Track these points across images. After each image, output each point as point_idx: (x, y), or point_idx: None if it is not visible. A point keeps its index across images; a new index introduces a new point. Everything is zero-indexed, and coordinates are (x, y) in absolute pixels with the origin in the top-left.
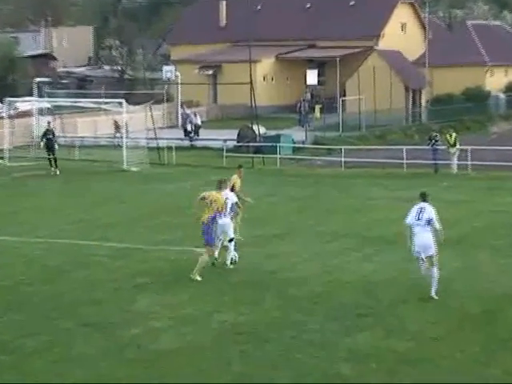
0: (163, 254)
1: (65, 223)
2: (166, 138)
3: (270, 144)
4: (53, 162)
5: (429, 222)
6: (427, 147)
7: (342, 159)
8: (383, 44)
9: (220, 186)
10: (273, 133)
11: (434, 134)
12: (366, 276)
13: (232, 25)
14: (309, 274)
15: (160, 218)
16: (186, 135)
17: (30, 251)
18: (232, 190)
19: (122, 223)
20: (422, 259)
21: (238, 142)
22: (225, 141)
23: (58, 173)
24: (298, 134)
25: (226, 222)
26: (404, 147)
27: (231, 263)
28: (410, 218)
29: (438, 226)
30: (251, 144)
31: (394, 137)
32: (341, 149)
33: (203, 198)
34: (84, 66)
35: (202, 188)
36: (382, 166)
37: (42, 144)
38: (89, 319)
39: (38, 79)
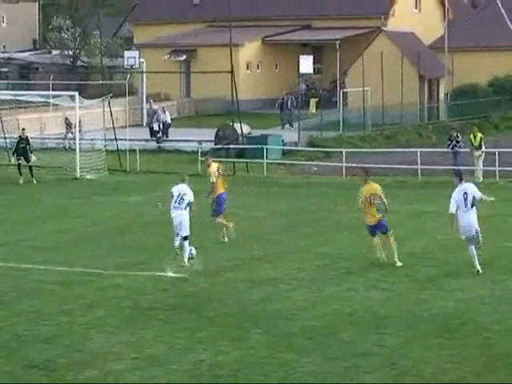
0: (124, 280)
1: (2, 243)
2: (129, 139)
3: (255, 146)
4: (26, 170)
5: (473, 204)
6: (446, 150)
7: (343, 165)
8: (393, 24)
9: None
10: (258, 133)
11: (455, 133)
12: (372, 307)
13: (208, 1)
14: (301, 305)
15: (121, 236)
16: (152, 135)
17: None
18: None
19: (73, 243)
20: (469, 239)
21: (215, 143)
22: (200, 142)
23: (34, 182)
24: (289, 134)
25: (184, 216)
26: (418, 150)
27: (190, 259)
28: (453, 207)
29: (482, 196)
30: (232, 146)
31: (407, 137)
32: (341, 152)
33: None
34: (28, 50)
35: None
36: (391, 173)
37: (12, 161)
38: (34, 360)
39: None
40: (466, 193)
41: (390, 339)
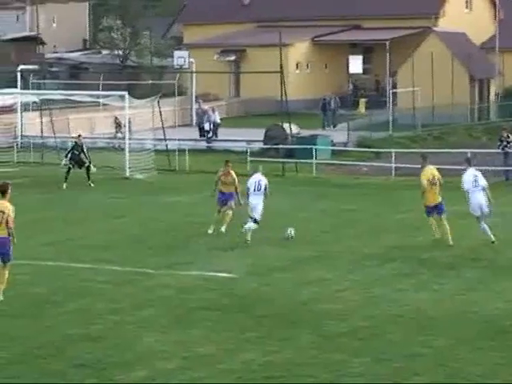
0: (173, 280)
1: (52, 242)
2: (178, 139)
3: (304, 147)
4: (85, 174)
5: (483, 187)
6: (497, 150)
7: (393, 165)
8: (444, 24)
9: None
10: (308, 133)
11: (506, 134)
12: (422, 308)
13: (258, 1)
14: (351, 306)
15: (169, 236)
16: (202, 135)
17: (11, 276)
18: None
19: (122, 242)
20: (479, 217)
21: (265, 143)
22: (249, 142)
23: (92, 184)
24: (339, 135)
25: (261, 201)
26: (468, 150)
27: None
28: (468, 185)
29: (485, 182)
30: (281, 146)
31: (457, 138)
32: (391, 152)
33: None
34: (78, 50)
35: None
36: (441, 174)
37: (63, 162)
38: (83, 359)
39: (23, 67)
40: (476, 177)
41: (439, 341)
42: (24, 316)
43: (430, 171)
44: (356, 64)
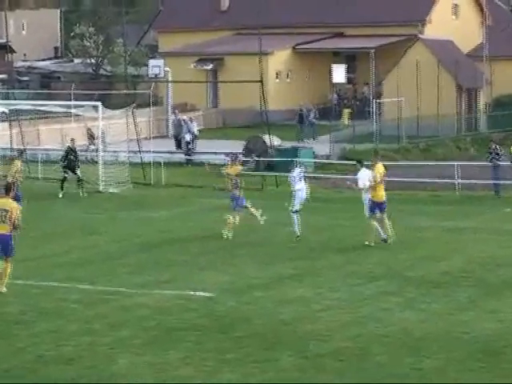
0: (149, 299)
1: (22, 259)
2: (154, 151)
3: (286, 159)
4: (78, 183)
5: None
6: (486, 163)
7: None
8: (430, 32)
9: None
10: (289, 145)
11: (494, 146)
12: (408, 328)
13: (236, 7)
14: (334, 326)
15: (145, 253)
16: (178, 147)
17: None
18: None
19: (96, 260)
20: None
21: (245, 156)
22: (227, 155)
23: (85, 195)
24: (322, 147)
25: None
26: (456, 163)
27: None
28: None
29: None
30: (262, 159)
31: (444, 150)
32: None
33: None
34: (49, 59)
35: (197, 215)
36: (428, 188)
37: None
38: (56, 381)
39: None
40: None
41: (427, 362)
42: None
43: (382, 167)
44: (339, 73)
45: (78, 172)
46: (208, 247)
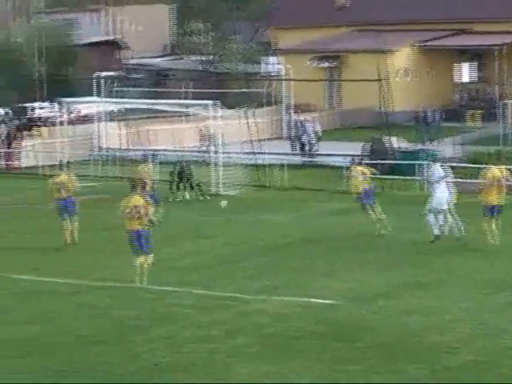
0: (267, 305)
1: (132, 265)
2: (270, 153)
3: (407, 162)
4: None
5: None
6: None
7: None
8: None
9: None
10: (411, 147)
11: None
12: None
13: (356, 3)
14: (461, 337)
15: (263, 258)
16: (294, 149)
17: (92, 298)
18: None
19: (211, 264)
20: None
21: (371, 158)
22: (347, 157)
23: (207, 198)
24: (446, 149)
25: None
26: None
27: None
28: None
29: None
30: (382, 162)
31: None
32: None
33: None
34: (160, 56)
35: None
36: None
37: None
38: None
39: (102, 73)
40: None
41: None
42: (108, 342)
43: (497, 171)
44: (464, 72)
45: (193, 182)
46: (327, 252)
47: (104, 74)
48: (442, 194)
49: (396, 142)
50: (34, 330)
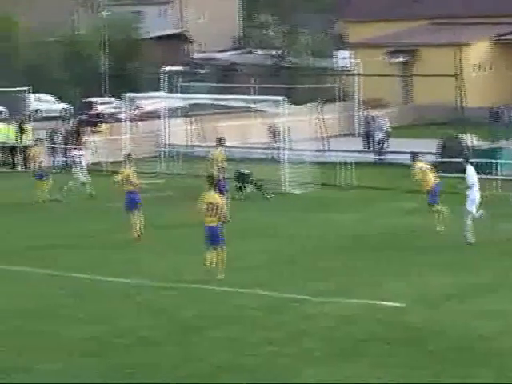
0: (334, 307)
1: (195, 264)
2: (341, 150)
3: (485, 160)
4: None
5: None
6: None
7: None
8: None
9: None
10: (488, 145)
11: None
12: None
13: None
14: None
15: (331, 258)
16: (368, 146)
17: (153, 298)
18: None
19: (277, 264)
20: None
21: (441, 156)
22: (421, 155)
23: (271, 196)
24: None
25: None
26: None
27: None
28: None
29: None
30: (457, 160)
31: None
32: None
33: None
34: (229, 50)
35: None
36: None
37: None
38: None
39: (168, 68)
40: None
41: None
42: (169, 343)
43: None
44: None
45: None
46: (393, 253)
47: (170, 68)
48: (475, 197)
49: (472, 140)
50: (94, 330)
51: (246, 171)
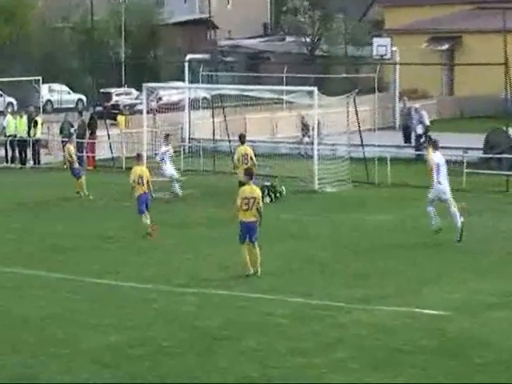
0: (369, 316)
1: (218, 268)
2: (378, 145)
3: None
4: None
5: None
6: None
7: None
8: None
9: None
10: None
11: None
12: None
13: None
14: None
15: (365, 262)
16: (406, 141)
17: (174, 305)
18: None
19: (306, 268)
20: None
21: (485, 152)
22: (465, 151)
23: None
24: None
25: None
26: None
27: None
28: None
29: None
30: (505, 156)
31: None
32: None
33: None
34: (257, 37)
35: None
36: None
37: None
38: None
39: (192, 56)
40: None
41: None
42: (190, 353)
43: None
44: None
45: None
46: (431, 257)
47: (194, 56)
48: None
49: None
50: (111, 338)
51: (267, 183)
